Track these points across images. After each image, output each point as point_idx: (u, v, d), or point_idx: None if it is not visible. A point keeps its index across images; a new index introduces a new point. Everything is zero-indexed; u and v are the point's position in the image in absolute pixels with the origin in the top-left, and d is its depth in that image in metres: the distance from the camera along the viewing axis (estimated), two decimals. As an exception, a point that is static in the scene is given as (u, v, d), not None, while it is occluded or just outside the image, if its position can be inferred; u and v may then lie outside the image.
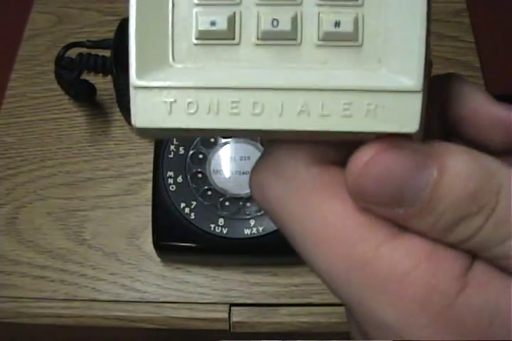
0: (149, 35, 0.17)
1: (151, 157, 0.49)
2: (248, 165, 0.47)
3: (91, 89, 0.55)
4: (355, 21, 0.17)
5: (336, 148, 0.19)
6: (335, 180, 0.18)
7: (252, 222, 0.46)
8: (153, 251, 0.48)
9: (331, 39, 0.17)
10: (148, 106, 0.17)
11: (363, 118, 0.17)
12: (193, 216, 0.46)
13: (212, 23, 0.17)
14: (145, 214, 0.50)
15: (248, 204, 0.46)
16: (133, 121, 0.18)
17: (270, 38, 0.18)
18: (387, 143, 0.17)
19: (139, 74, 0.17)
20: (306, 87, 0.17)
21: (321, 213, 0.18)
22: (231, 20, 0.17)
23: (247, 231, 0.46)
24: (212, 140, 0.48)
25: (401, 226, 0.18)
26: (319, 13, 0.17)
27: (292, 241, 0.19)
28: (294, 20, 0.17)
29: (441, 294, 0.17)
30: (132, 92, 0.18)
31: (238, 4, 0.18)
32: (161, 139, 0.48)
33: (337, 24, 0.17)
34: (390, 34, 0.17)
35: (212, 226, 0.46)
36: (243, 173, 0.47)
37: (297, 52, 0.18)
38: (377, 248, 0.17)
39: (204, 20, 0.17)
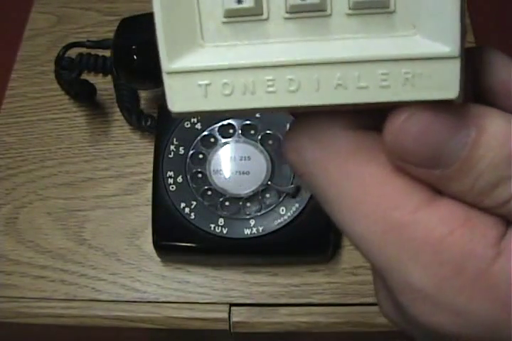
0: (176, 17, 0.17)
1: (151, 157, 0.49)
2: (248, 165, 0.47)
3: (91, 89, 0.55)
4: None
5: (373, 114, 0.18)
6: (372, 144, 0.18)
7: (252, 222, 0.46)
8: (153, 251, 0.48)
9: (363, 7, 0.17)
10: (183, 90, 0.17)
11: (401, 87, 0.17)
12: (193, 216, 0.46)
13: (239, 1, 0.17)
14: (145, 214, 0.50)
15: (248, 204, 0.46)
16: (170, 106, 0.17)
17: (299, 10, 0.17)
18: (425, 105, 0.17)
19: (171, 59, 0.17)
20: (342, 59, 0.17)
21: (358, 176, 0.18)
22: None
23: (247, 231, 0.46)
24: (212, 140, 0.48)
25: (437, 191, 0.18)
26: None
27: (327, 205, 0.19)
28: None
29: (478, 259, 0.17)
30: (166, 78, 0.17)
31: None
32: (161, 139, 0.49)
33: None
34: None
35: (212, 226, 0.46)
36: (243, 173, 0.47)
37: (328, 23, 0.17)
38: (414, 212, 0.17)
39: None
